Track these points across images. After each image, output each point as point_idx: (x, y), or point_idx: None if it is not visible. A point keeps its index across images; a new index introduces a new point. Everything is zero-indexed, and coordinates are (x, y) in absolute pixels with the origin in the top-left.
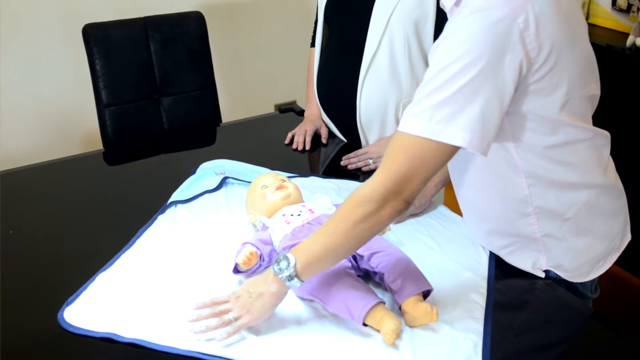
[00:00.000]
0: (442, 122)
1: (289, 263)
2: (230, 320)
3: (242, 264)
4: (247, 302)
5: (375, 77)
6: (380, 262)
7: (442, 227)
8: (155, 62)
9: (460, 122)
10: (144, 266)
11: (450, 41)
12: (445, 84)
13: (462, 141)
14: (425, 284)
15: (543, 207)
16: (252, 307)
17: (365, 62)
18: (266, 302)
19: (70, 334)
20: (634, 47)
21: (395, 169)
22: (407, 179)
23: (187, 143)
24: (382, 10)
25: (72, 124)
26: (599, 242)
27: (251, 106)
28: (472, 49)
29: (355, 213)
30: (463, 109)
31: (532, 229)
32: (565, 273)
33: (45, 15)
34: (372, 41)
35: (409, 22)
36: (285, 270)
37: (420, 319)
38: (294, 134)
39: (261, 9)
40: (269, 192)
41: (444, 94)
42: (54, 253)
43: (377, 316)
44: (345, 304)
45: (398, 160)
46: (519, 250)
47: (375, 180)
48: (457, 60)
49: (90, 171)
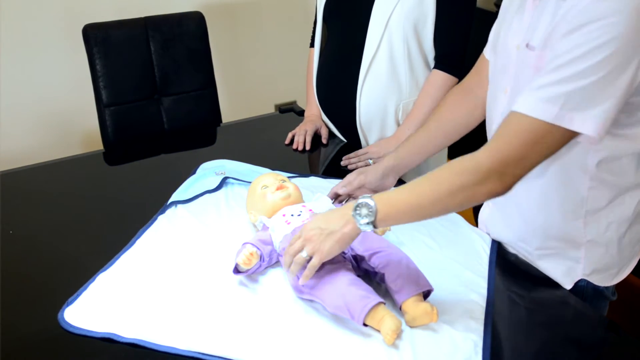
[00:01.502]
0: (576, 109)
1: (369, 210)
2: (304, 259)
3: (242, 264)
4: (317, 240)
5: (375, 78)
6: (381, 262)
7: (442, 227)
8: (155, 62)
9: (594, 110)
10: (144, 266)
11: (594, 28)
12: (586, 71)
13: (592, 130)
14: (426, 284)
15: (595, 212)
16: (322, 246)
17: (365, 63)
18: (337, 241)
19: (70, 334)
20: None
21: (507, 150)
22: (515, 162)
23: (187, 143)
24: (381, 11)
25: (72, 124)
26: (631, 247)
27: (251, 106)
28: (620, 39)
29: (451, 181)
30: (601, 98)
31: (579, 233)
32: (597, 279)
33: (46, 15)
34: (372, 42)
35: (408, 23)
36: (365, 217)
37: (420, 319)
38: (294, 134)
39: (261, 9)
40: (269, 192)
41: (583, 82)
42: (54, 253)
43: (378, 316)
44: (345, 303)
45: (513, 142)
46: (554, 255)
47: (482, 154)
48: (603, 50)
49: (90, 171)
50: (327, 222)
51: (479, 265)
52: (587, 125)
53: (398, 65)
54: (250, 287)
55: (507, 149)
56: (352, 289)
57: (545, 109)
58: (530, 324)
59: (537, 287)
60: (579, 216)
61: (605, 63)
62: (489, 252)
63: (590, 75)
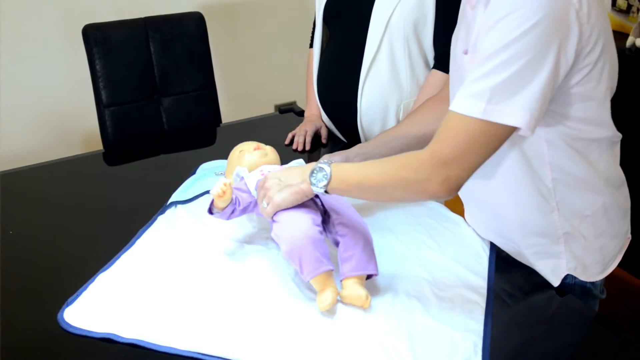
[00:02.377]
0: (503, 102)
1: (324, 175)
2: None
3: (217, 196)
4: (272, 189)
5: (376, 78)
6: (341, 231)
7: (442, 227)
8: (155, 63)
9: (520, 101)
10: (144, 266)
11: (510, 19)
12: (507, 62)
13: (521, 121)
14: (372, 269)
15: (565, 203)
16: (275, 196)
17: (366, 63)
18: (291, 194)
19: (70, 334)
20: (634, 47)
21: (445, 150)
22: (454, 162)
23: (187, 143)
24: (381, 11)
25: (72, 124)
26: (612, 240)
27: (251, 106)
28: (536, 26)
29: (398, 174)
30: (525, 87)
31: (555, 226)
32: (582, 274)
33: (46, 16)
34: (372, 43)
35: (408, 23)
36: (318, 182)
37: (353, 300)
38: (294, 134)
39: (261, 9)
40: (247, 152)
41: (505, 73)
42: (54, 253)
43: (322, 281)
44: (299, 258)
45: (450, 142)
46: (539, 252)
47: (424, 154)
48: (520, 38)
49: (90, 171)
50: (287, 176)
51: (479, 265)
52: (515, 118)
53: (399, 65)
54: (250, 287)
55: (446, 149)
56: (310, 248)
57: (474, 105)
58: (529, 323)
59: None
60: (553, 209)
61: (524, 51)
62: (489, 252)
63: (512, 65)
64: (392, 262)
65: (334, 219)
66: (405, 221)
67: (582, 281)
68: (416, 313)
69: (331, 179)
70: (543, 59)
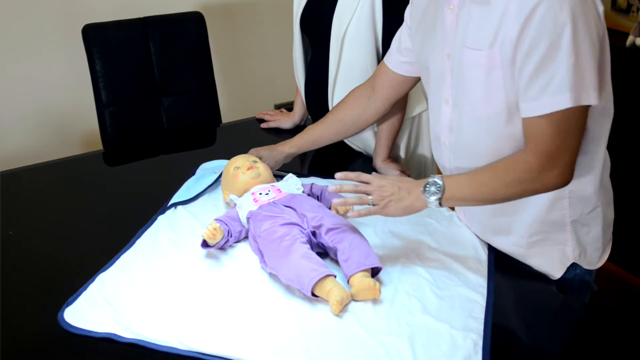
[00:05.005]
0: (580, 87)
1: (437, 188)
2: (369, 203)
3: (208, 238)
4: (389, 197)
5: (345, 89)
6: (335, 238)
7: (442, 227)
8: (154, 63)
9: (590, 82)
10: (143, 266)
11: (548, 17)
12: (565, 54)
13: (594, 99)
14: (374, 262)
15: (575, 190)
16: (389, 204)
17: (332, 76)
18: (404, 208)
19: (70, 334)
20: (634, 47)
21: (545, 147)
22: (559, 153)
23: (187, 143)
24: (337, 27)
25: (72, 124)
26: (608, 228)
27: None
28: (569, 12)
29: (509, 175)
30: (587, 69)
31: (563, 214)
32: (585, 261)
33: (45, 16)
34: (333, 58)
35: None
36: (433, 195)
37: (364, 294)
38: (266, 115)
39: (261, 9)
40: (241, 172)
41: (571, 61)
42: (54, 253)
43: (326, 288)
44: (296, 275)
45: (547, 139)
46: (543, 242)
47: (529, 156)
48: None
49: (90, 171)
50: (406, 187)
51: (478, 265)
52: (592, 97)
53: (363, 77)
54: (250, 287)
55: (547, 147)
56: (304, 262)
57: (559, 100)
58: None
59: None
60: (563, 196)
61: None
62: (488, 252)
63: (572, 53)
64: (392, 261)
65: (324, 233)
66: (405, 221)
67: (582, 275)
68: (416, 312)
69: (445, 191)
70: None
